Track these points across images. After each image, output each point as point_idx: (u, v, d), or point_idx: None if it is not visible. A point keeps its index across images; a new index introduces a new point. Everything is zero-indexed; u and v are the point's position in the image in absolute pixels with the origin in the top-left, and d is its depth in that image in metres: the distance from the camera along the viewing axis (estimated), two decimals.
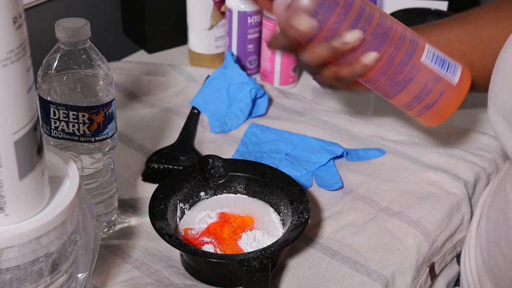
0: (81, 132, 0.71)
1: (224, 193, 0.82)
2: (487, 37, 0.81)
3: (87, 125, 0.71)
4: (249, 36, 1.07)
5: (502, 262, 0.70)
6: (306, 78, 1.13)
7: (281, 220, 0.78)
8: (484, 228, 0.75)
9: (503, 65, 0.60)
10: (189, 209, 0.80)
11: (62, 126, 0.71)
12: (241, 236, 0.75)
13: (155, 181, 0.86)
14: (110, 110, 0.72)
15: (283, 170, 0.82)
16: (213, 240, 0.75)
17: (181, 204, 0.79)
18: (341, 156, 0.91)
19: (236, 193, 0.82)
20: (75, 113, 0.70)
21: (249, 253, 0.71)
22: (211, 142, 0.95)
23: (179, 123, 0.97)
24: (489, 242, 0.73)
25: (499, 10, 0.82)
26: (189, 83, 1.06)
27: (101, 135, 0.72)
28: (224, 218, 0.77)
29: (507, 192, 0.68)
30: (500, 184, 0.73)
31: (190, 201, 0.80)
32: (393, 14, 1.05)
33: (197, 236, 0.75)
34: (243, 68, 1.07)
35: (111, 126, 0.73)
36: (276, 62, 1.07)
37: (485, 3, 0.87)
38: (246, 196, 0.82)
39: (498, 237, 0.70)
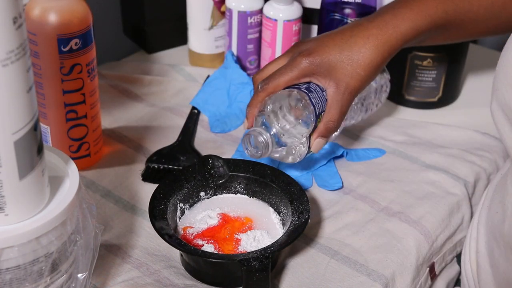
0: None
1: (224, 193, 0.82)
2: None
3: None
4: (249, 36, 1.07)
5: (497, 252, 0.71)
6: None
7: (281, 220, 0.78)
8: (484, 219, 0.76)
9: (505, 59, 0.60)
10: (189, 209, 0.80)
11: None
12: (241, 235, 0.75)
13: (155, 181, 0.86)
14: None
15: (283, 170, 0.82)
16: (211, 241, 0.74)
17: (181, 204, 0.79)
18: (341, 156, 0.91)
19: (236, 193, 0.82)
20: None
21: (249, 253, 0.71)
22: (211, 142, 0.95)
23: (179, 123, 0.97)
24: (487, 233, 0.74)
25: None
26: (189, 83, 1.06)
27: None
28: (223, 220, 0.77)
29: (507, 185, 0.69)
30: (502, 178, 0.74)
31: (190, 201, 0.80)
32: None
33: (192, 238, 0.75)
34: (243, 68, 1.07)
35: None
36: None
37: None
38: (246, 196, 0.82)
39: (494, 228, 0.71)
